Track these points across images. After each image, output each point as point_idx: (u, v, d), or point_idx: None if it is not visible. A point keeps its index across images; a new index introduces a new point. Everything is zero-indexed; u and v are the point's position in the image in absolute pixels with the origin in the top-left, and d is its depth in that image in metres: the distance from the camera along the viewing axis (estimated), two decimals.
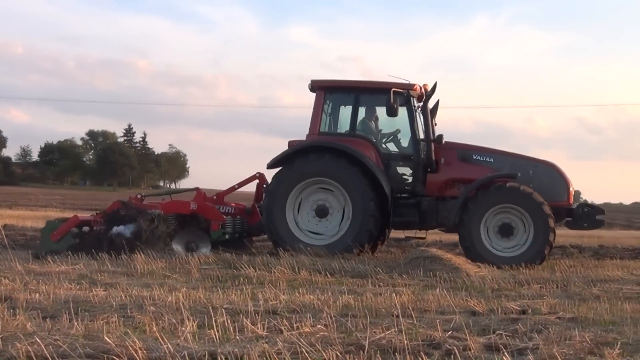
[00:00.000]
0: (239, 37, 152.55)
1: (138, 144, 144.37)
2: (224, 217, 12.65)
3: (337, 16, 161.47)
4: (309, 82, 13.20)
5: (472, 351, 5.07)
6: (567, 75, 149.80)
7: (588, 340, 5.39)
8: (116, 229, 12.37)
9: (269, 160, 12.76)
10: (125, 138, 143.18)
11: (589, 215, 12.75)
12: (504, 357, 4.84)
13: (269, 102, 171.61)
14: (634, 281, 9.45)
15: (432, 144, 12.68)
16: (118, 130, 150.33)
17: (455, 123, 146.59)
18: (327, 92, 13.09)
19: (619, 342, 5.37)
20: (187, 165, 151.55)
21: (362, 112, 13.17)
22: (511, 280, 9.38)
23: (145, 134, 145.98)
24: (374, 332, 5.57)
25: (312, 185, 12.57)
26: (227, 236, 12.80)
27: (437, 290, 8.22)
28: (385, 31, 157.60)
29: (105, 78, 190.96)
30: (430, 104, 13.12)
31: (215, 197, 13.66)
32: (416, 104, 12.97)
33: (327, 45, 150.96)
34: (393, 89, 12.44)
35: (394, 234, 14.69)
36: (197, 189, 13.71)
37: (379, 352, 5.05)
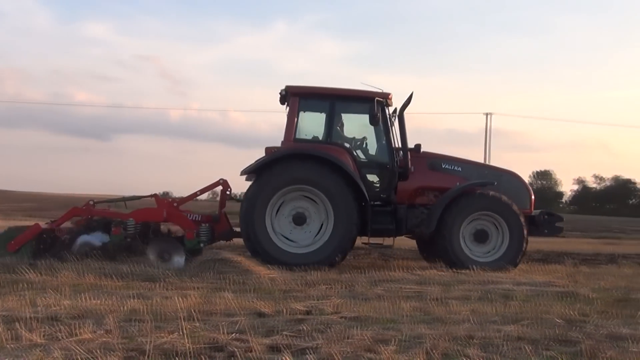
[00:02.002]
0: (28, 30, 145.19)
1: None
2: (194, 224, 12.39)
3: (135, 14, 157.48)
4: (281, 89, 12.92)
5: (255, 352, 5.12)
6: (361, 83, 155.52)
7: (367, 338, 5.61)
8: (83, 237, 11.74)
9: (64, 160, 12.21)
10: None
11: (549, 223, 13.30)
12: (285, 358, 4.92)
13: (60, 99, 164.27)
14: (414, 281, 9.91)
15: (408, 153, 12.79)
16: None
17: (253, 126, 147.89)
18: (302, 98, 12.86)
19: (396, 339, 5.63)
20: None
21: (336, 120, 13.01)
22: (300, 282, 9.54)
23: None
24: (158, 336, 5.48)
25: (293, 192, 12.29)
26: (202, 245, 12.47)
27: (226, 292, 8.21)
28: (183, 32, 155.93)
29: None
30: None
31: (175, 205, 13.07)
32: (390, 113, 12.98)
33: (123, 43, 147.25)
34: (376, 98, 12.51)
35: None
36: (154, 195, 13.18)
37: (161, 356, 4.98)
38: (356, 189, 12.13)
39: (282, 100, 13.14)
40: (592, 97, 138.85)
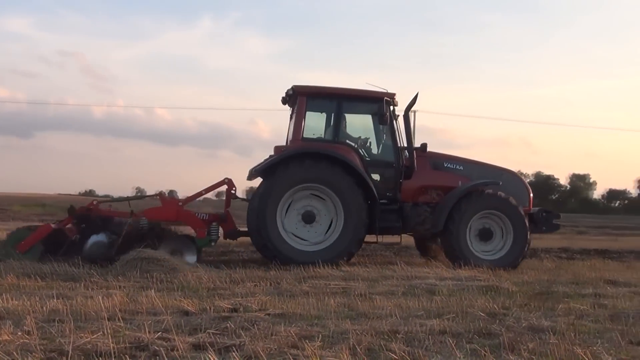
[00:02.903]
0: None
1: None
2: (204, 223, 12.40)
3: (56, 8, 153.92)
4: (289, 89, 13.03)
5: (180, 351, 5.07)
6: (288, 80, 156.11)
7: (293, 334, 5.61)
8: (94, 238, 11.56)
9: None
10: None
11: (547, 220, 13.58)
12: (210, 356, 4.88)
13: None
14: (340, 277, 9.96)
15: (414, 152, 12.93)
16: None
17: (179, 124, 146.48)
18: (310, 98, 12.93)
19: (321, 335, 5.65)
20: None
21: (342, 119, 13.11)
22: (227, 279, 9.48)
23: None
24: (80, 336, 5.37)
25: (302, 190, 12.35)
26: (213, 243, 12.59)
27: (152, 291, 8.11)
28: (107, 27, 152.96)
29: None
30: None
31: (180, 204, 12.97)
32: (396, 113, 13.10)
33: (46, 39, 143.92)
34: (385, 98, 12.68)
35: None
36: (160, 193, 13.05)
37: (83, 357, 4.89)
38: (365, 187, 12.33)
39: (284, 100, 13.43)
40: (515, 95, 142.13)
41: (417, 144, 13.10)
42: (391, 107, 12.97)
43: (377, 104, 12.73)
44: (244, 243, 15.16)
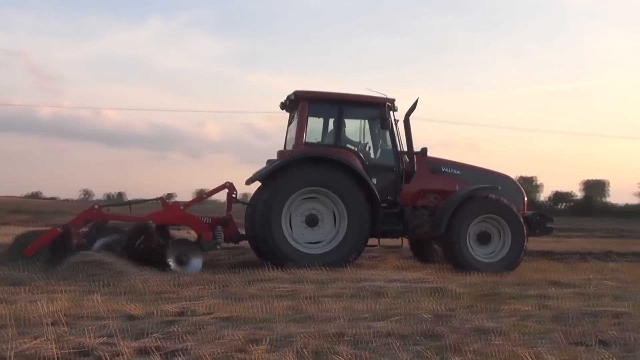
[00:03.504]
0: None
1: None
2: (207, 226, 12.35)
3: (1, 6, 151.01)
4: (290, 94, 13.14)
5: (124, 356, 5.02)
6: (238, 81, 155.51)
7: (239, 338, 5.59)
8: (101, 241, 11.40)
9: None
10: None
11: (540, 223, 13.79)
12: None
13: None
14: (288, 279, 9.94)
15: (414, 156, 13.05)
16: None
17: (128, 125, 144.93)
18: (312, 103, 13.01)
19: (268, 339, 5.64)
20: None
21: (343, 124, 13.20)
22: (173, 283, 9.39)
23: None
24: (21, 342, 5.28)
25: (304, 194, 12.42)
26: (218, 247, 12.52)
27: (97, 295, 7.99)
28: (54, 26, 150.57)
29: None
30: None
31: (182, 207, 12.77)
32: (396, 117, 13.19)
33: None
34: (387, 103, 12.89)
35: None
36: (161, 198, 12.96)
37: None
38: (368, 191, 12.45)
39: (283, 105, 13.65)
40: (462, 98, 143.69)
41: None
42: (392, 112, 13.17)
43: (380, 109, 12.93)
44: None
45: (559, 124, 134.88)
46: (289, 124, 13.83)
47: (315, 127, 13.47)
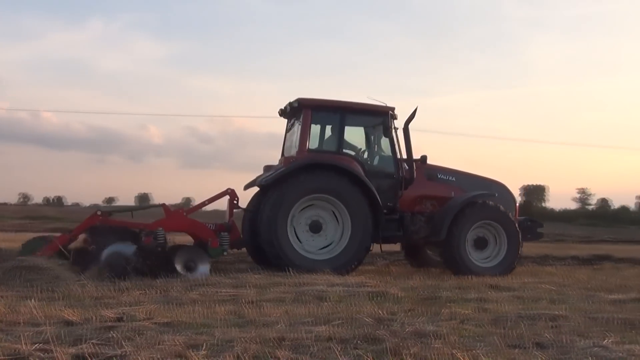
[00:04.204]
0: None
1: None
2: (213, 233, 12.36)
3: None
4: (293, 101, 13.29)
5: None
6: (180, 85, 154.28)
7: (179, 343, 5.54)
8: (112, 248, 11.11)
9: None
10: None
11: (531, 228, 14.32)
12: None
13: None
14: (230, 284, 9.89)
15: (414, 164, 13.31)
16: None
17: (65, 127, 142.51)
18: (314, 111, 13.23)
19: (207, 344, 5.60)
20: None
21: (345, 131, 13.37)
22: (113, 288, 9.26)
23: None
24: None
25: (308, 200, 12.61)
26: (225, 253, 12.53)
27: (33, 301, 7.82)
28: None
29: None
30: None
31: (185, 214, 12.90)
32: (396, 126, 13.43)
33: None
34: (390, 112, 13.26)
35: None
36: (163, 205, 12.82)
37: None
38: (371, 198, 12.66)
39: (283, 112, 13.94)
40: (402, 105, 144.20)
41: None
42: (393, 121, 13.43)
43: (382, 118, 13.30)
44: None
45: (499, 129, 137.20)
46: (287, 130, 14.15)
47: (314, 133, 13.66)
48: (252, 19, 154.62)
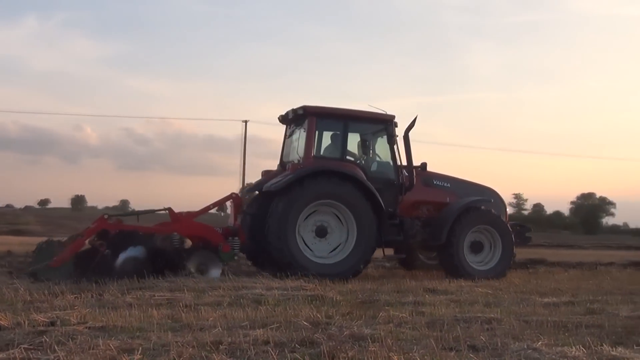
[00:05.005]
0: None
1: None
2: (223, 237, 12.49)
3: None
4: (298, 108, 13.54)
5: None
6: (117, 85, 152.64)
7: (112, 348, 5.44)
8: (128, 252, 11.23)
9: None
10: None
11: (520, 233, 14.83)
12: None
13: None
14: (166, 288, 9.76)
15: (413, 170, 13.68)
16: None
17: None
18: (319, 118, 13.48)
19: (142, 348, 5.51)
20: None
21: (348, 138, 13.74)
22: (45, 292, 9.08)
23: None
24: None
25: (314, 206, 12.85)
26: (236, 257, 12.78)
27: None
28: None
29: None
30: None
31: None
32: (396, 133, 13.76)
33: None
34: (394, 120, 13.67)
35: None
36: (169, 209, 12.74)
37: None
38: (374, 203, 12.99)
39: (284, 118, 14.20)
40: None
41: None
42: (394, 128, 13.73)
43: (386, 125, 13.72)
44: None
45: (436, 135, 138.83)
46: (287, 136, 14.40)
47: (317, 140, 13.89)
48: (188, 21, 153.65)
